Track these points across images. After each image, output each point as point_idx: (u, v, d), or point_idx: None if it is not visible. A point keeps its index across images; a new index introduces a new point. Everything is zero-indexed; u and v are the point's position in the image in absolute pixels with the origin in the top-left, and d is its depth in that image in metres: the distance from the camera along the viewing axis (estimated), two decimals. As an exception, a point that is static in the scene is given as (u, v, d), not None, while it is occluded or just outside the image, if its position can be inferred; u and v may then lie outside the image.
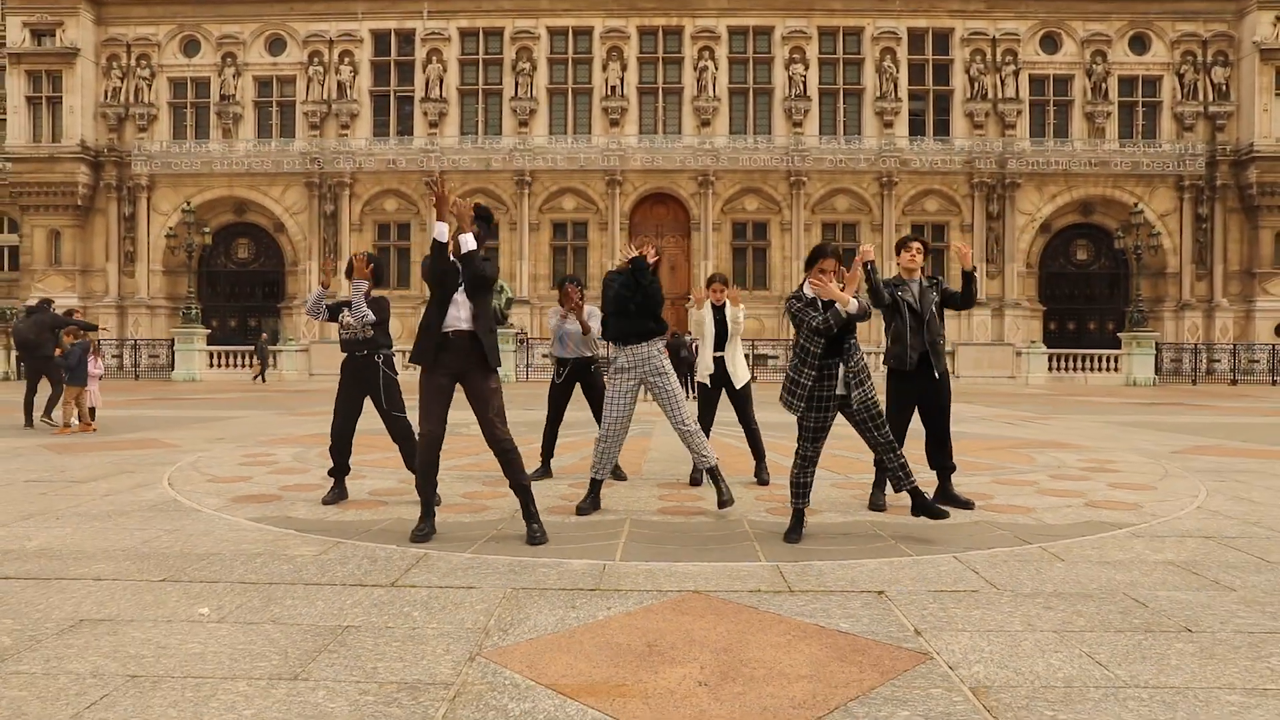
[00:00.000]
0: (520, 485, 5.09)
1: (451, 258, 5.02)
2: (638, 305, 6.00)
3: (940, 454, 6.25)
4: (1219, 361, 34.00)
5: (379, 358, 6.35)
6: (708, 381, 7.47)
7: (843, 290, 4.86)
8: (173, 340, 31.55)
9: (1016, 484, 7.31)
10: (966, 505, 6.12)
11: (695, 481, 7.15)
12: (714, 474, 5.94)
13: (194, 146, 37.44)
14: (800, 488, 5.10)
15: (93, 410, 12.10)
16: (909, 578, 4.24)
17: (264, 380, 29.29)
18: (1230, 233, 37.11)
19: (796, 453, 5.09)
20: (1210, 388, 28.90)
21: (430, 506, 5.18)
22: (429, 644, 3.27)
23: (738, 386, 7.46)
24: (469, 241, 4.94)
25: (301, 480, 7.30)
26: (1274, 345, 33.53)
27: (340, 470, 6.38)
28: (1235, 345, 34.10)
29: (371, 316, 6.20)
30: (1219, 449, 9.94)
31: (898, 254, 6.17)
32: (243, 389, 24.76)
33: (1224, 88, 37.02)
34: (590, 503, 5.95)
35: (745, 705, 2.73)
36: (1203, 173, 36.78)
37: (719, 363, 7.41)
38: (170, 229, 35.84)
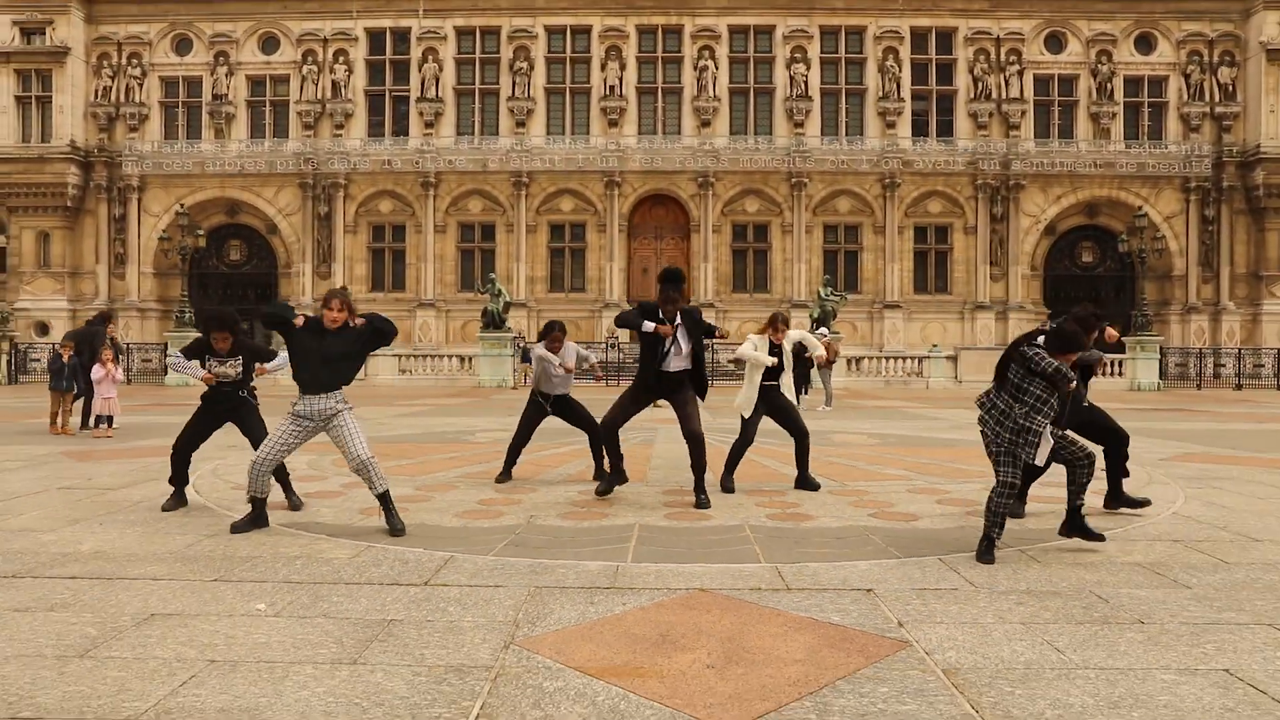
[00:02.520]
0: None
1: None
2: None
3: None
4: (1224, 366, 33.47)
5: (246, 393, 6.66)
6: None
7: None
8: (165, 345, 30.97)
9: None
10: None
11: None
12: (384, 501, 5.68)
13: (186, 147, 36.88)
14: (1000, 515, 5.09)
15: (111, 419, 12.41)
16: (896, 577, 4.56)
17: None
18: (1237, 235, 36.65)
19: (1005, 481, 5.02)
20: (1214, 392, 28.47)
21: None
22: (467, 634, 3.61)
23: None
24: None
25: (322, 488, 7.41)
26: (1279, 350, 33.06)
27: (180, 481, 6.51)
28: (1240, 349, 33.62)
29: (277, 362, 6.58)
30: (1205, 456, 10.11)
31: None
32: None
33: (1230, 88, 36.56)
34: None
35: (747, 684, 3.08)
36: (1209, 174, 36.31)
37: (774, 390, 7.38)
38: (164, 231, 35.26)
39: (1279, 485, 7.81)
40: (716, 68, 36.50)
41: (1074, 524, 5.15)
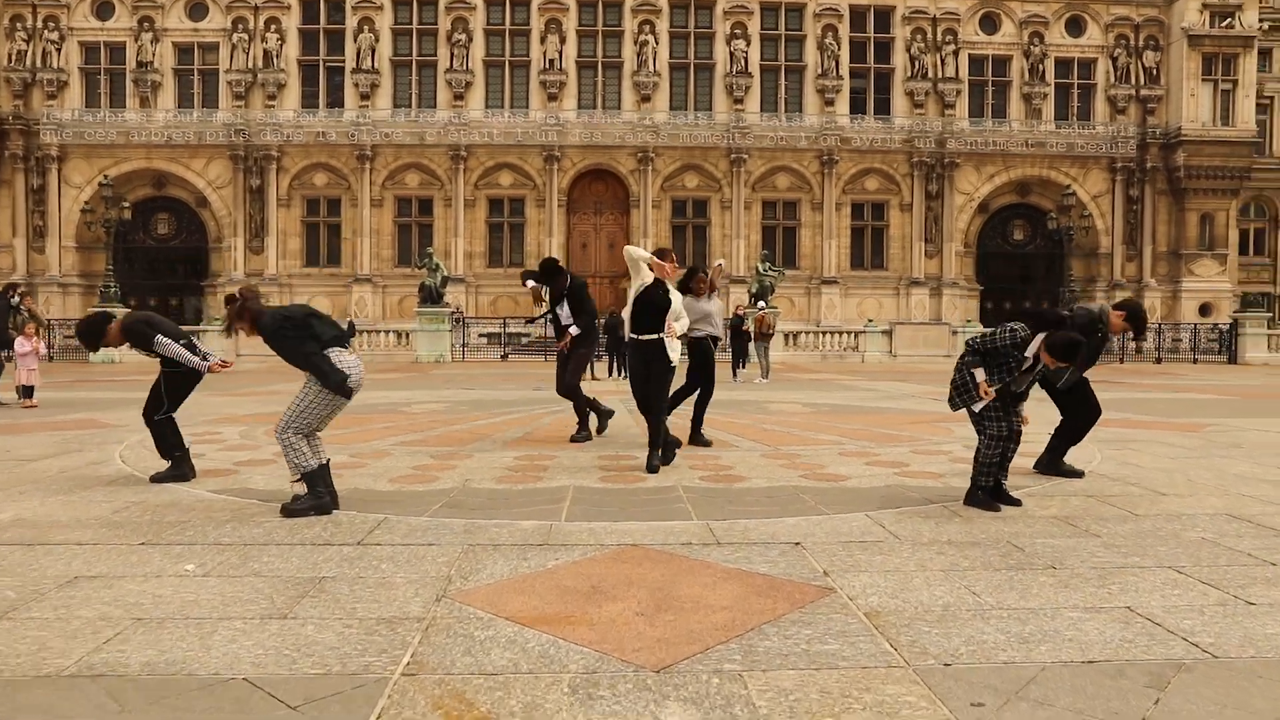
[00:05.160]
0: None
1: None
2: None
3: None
4: (1145, 340, 34.61)
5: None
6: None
7: None
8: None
9: (932, 454, 7.60)
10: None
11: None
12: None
13: (109, 116, 35.59)
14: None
15: (31, 390, 12.39)
16: (823, 532, 4.67)
17: None
18: (1159, 214, 37.86)
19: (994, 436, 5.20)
20: (1136, 366, 29.47)
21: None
22: (399, 589, 3.62)
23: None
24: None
25: (254, 456, 7.37)
26: (1196, 325, 34.27)
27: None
28: (1161, 325, 34.76)
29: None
30: (1122, 422, 10.52)
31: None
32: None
33: (1155, 72, 37.63)
34: None
35: (675, 629, 3.16)
36: (1134, 155, 37.42)
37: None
38: (86, 203, 33.96)
39: (1187, 446, 8.15)
40: (657, 42, 36.37)
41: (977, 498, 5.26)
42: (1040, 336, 5.01)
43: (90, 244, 35.29)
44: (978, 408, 5.14)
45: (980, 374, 5.04)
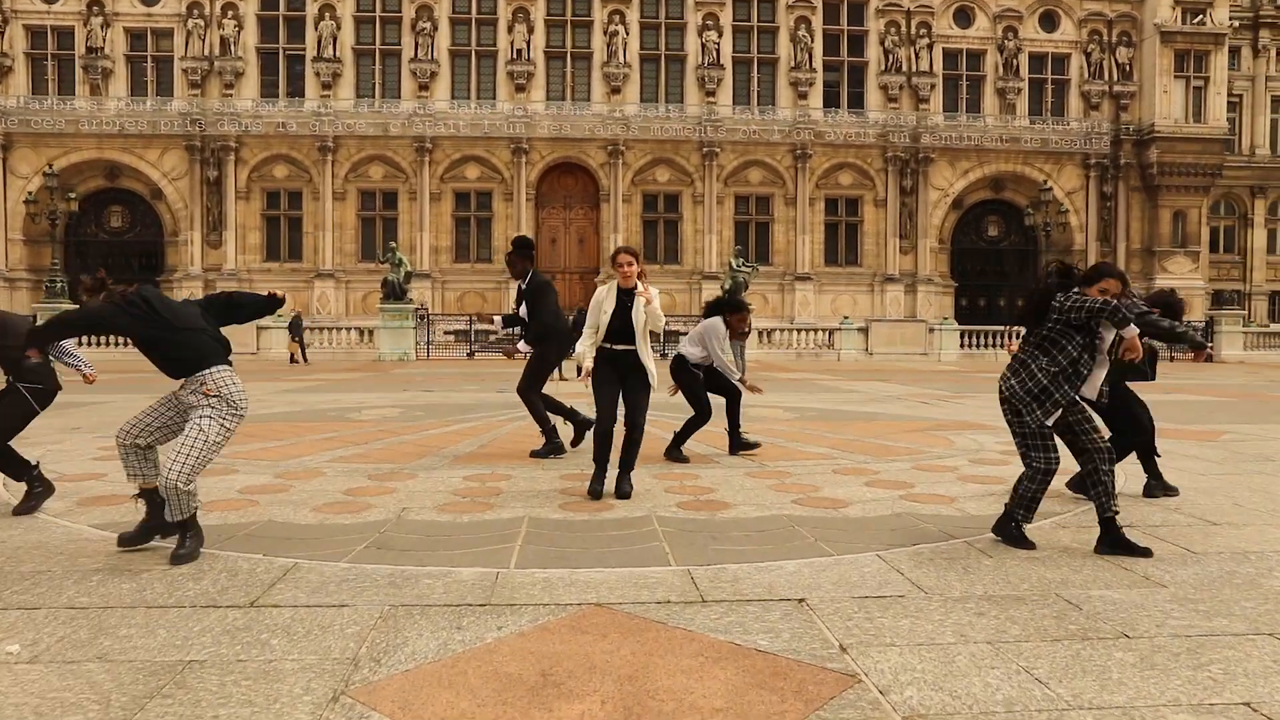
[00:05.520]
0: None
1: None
2: None
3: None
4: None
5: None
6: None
7: None
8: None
9: (937, 470, 6.91)
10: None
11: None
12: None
13: (57, 104, 34.12)
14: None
15: None
16: (831, 582, 3.86)
17: (306, 361, 26.19)
18: (1133, 211, 37.65)
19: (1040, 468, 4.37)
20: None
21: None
22: (286, 681, 2.80)
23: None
24: None
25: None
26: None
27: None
28: (1135, 322, 34.51)
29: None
30: None
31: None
32: (114, 370, 22.39)
33: (1128, 68, 37.39)
34: None
35: None
36: (1107, 151, 37.16)
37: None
38: (30, 193, 32.54)
39: (1212, 459, 7.49)
40: (627, 33, 35.51)
41: (1112, 538, 4.30)
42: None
43: (38, 237, 33.78)
44: (1051, 420, 4.27)
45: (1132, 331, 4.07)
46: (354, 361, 27.01)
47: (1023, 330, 4.50)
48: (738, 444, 7.49)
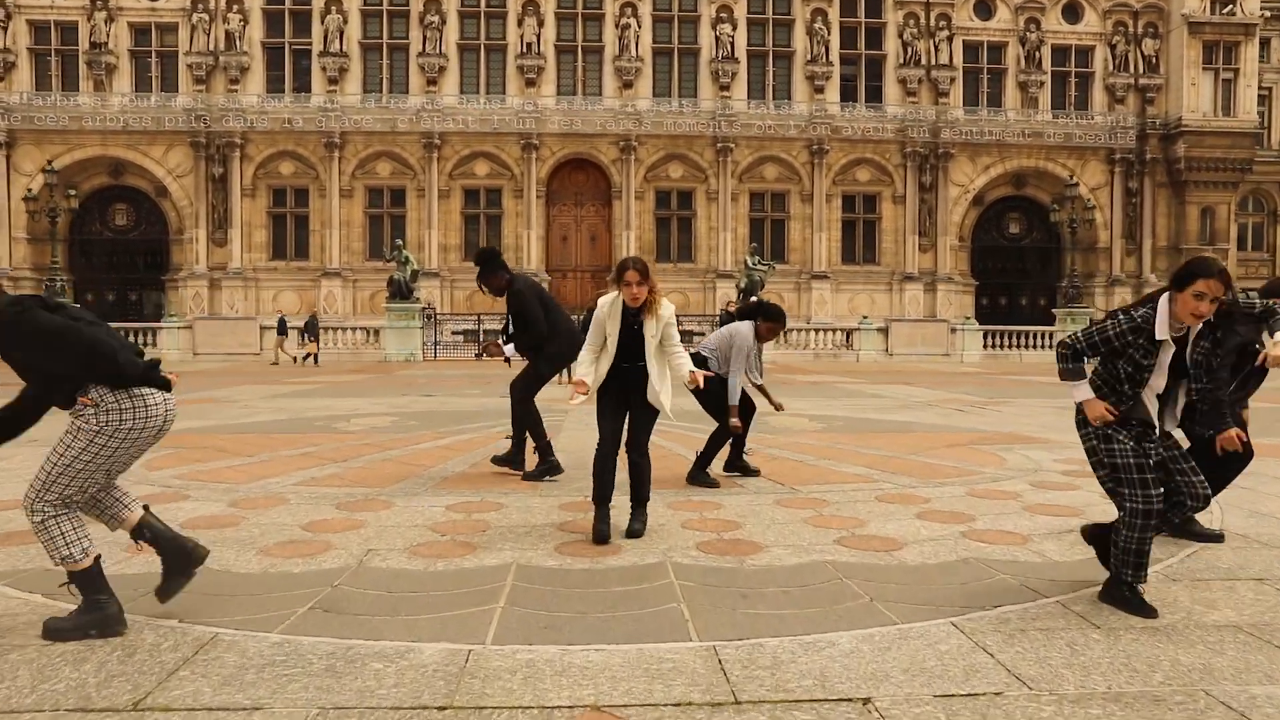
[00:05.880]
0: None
1: None
2: None
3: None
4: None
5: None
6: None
7: None
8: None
9: (996, 496, 5.99)
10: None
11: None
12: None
13: (61, 100, 33.59)
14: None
15: None
16: (900, 668, 2.98)
17: (317, 363, 25.58)
18: (1159, 207, 36.64)
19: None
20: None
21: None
22: None
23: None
24: None
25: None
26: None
27: None
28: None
29: None
30: None
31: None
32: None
33: (1154, 60, 36.35)
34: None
35: None
36: (1133, 146, 36.15)
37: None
38: (30, 191, 31.99)
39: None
40: (639, 26, 34.70)
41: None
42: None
43: (42, 236, 33.19)
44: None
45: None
46: (359, 362, 26.37)
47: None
48: (736, 463, 6.70)
